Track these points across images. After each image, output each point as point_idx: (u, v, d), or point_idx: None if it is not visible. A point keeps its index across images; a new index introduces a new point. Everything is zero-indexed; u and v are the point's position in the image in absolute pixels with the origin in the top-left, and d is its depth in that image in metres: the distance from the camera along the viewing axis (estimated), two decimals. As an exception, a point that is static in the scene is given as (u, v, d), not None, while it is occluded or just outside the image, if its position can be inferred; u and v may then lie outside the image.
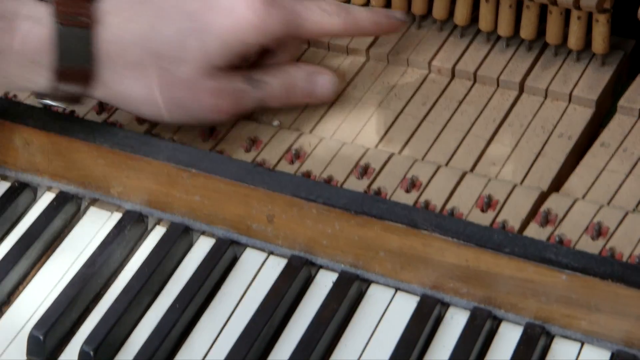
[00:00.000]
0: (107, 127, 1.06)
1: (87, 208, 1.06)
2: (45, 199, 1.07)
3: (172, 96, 1.01)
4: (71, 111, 1.08)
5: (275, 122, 1.07)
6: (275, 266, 1.00)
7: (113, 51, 1.00)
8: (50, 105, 1.05)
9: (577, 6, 1.04)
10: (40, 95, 1.03)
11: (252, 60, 1.04)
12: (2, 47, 0.99)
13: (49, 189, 1.07)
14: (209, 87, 1.01)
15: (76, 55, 0.99)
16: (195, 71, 1.00)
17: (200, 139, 1.06)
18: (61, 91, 1.01)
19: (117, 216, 1.04)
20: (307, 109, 1.09)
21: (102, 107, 1.09)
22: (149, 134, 1.06)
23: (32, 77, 1.00)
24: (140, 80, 1.00)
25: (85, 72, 1.00)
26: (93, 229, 1.04)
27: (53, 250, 1.03)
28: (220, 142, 1.06)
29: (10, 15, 0.99)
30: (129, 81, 1.01)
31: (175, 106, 1.01)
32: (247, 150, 1.05)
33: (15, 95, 1.11)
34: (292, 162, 1.03)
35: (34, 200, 1.07)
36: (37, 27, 0.99)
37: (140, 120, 1.07)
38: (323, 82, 1.06)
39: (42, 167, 1.06)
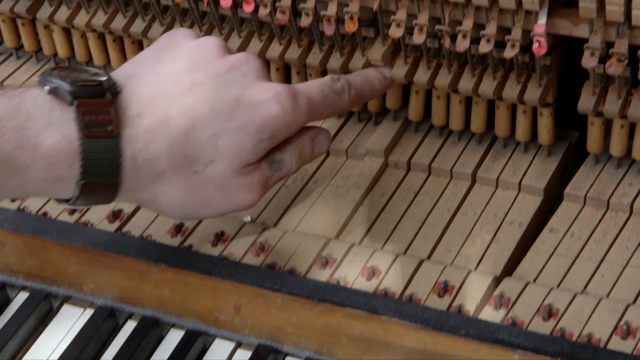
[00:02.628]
0: (79, 226, 1.10)
1: (60, 306, 1.09)
2: (19, 299, 1.10)
3: (201, 197, 0.99)
4: (44, 213, 1.13)
5: (247, 218, 1.12)
6: (243, 355, 1.03)
7: (142, 160, 0.95)
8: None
9: (522, 101, 1.10)
10: (61, 201, 0.98)
11: None
12: (23, 164, 0.92)
13: (23, 288, 1.11)
14: (240, 184, 1.00)
15: (102, 169, 0.94)
16: (227, 171, 0.98)
17: (169, 235, 1.10)
18: (84, 201, 0.97)
19: (89, 312, 1.08)
20: (272, 204, 1.14)
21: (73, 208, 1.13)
22: (119, 231, 1.11)
23: (53, 192, 0.96)
24: (168, 186, 0.98)
25: (112, 184, 0.95)
26: (66, 326, 1.07)
27: (27, 349, 1.06)
28: (188, 237, 1.10)
29: (31, 127, 0.93)
30: (156, 187, 0.97)
31: (203, 206, 1.00)
32: (214, 245, 1.09)
33: (-13, 199, 1.15)
34: (257, 255, 1.07)
35: (8, 300, 1.10)
36: (60, 140, 0.93)
37: (111, 218, 1.12)
38: (321, 140, 1.06)
39: (16, 268, 1.10)
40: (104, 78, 0.96)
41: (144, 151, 0.95)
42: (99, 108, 0.94)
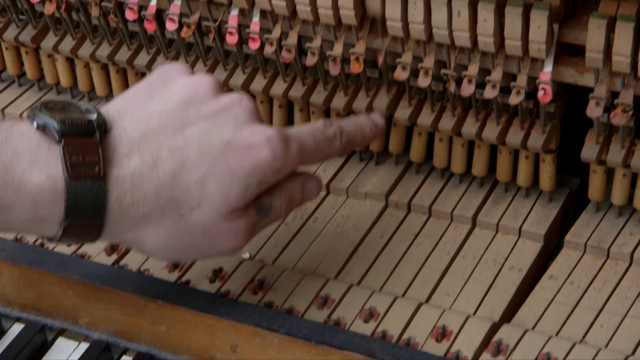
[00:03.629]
0: (76, 259, 1.10)
1: (55, 338, 1.08)
2: (13, 330, 1.09)
3: (185, 241, 0.97)
4: (41, 243, 1.12)
5: (246, 255, 1.11)
6: (239, 395, 1.03)
7: (127, 203, 0.94)
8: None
9: (525, 147, 1.10)
10: (47, 239, 0.97)
11: None
12: (6, 202, 0.92)
13: (18, 319, 1.10)
14: (226, 230, 0.97)
15: (87, 211, 0.93)
16: (213, 216, 0.96)
17: (167, 270, 1.10)
18: (67, 239, 0.96)
19: (84, 346, 1.07)
20: (271, 241, 1.14)
21: (72, 238, 1.13)
22: (117, 265, 1.10)
23: (36, 230, 0.95)
24: (153, 228, 0.96)
25: (95, 224, 0.94)
26: (61, 359, 1.07)
27: (21, 380, 1.06)
28: (186, 273, 1.10)
29: (17, 165, 0.92)
30: (141, 229, 0.96)
31: (187, 250, 0.99)
32: (212, 281, 1.08)
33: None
34: (255, 293, 1.07)
35: (2, 331, 1.10)
36: (45, 180, 0.92)
37: (109, 251, 1.11)
38: (311, 186, 1.04)
39: (12, 299, 1.09)
40: (93, 116, 0.94)
41: (130, 193, 0.94)
42: (86, 148, 0.92)
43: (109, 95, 1.28)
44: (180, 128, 0.96)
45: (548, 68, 1.03)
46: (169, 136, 0.95)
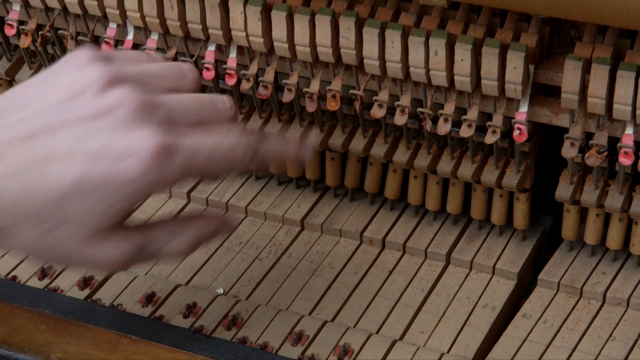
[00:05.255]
0: (49, 293, 1.09)
1: (26, 373, 1.08)
2: (-16, 364, 1.09)
3: (53, 256, 0.91)
4: (13, 277, 1.11)
5: (220, 290, 1.11)
6: None
7: None
8: None
9: (500, 185, 1.11)
10: None
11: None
12: None
13: (-11, 353, 1.09)
14: (91, 253, 0.90)
15: None
16: (78, 235, 0.89)
17: (140, 304, 1.09)
18: None
19: (56, 381, 1.06)
20: (245, 276, 1.13)
21: (44, 272, 1.12)
22: (90, 300, 1.10)
23: None
24: (13, 239, 0.89)
25: None
26: (31, 393, 1.06)
27: (-11, 416, 1.05)
28: (159, 307, 1.09)
29: None
30: (7, 239, 0.89)
31: (56, 261, 0.96)
32: (186, 317, 1.08)
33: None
34: (229, 329, 1.07)
35: (-27, 365, 1.09)
36: None
37: (82, 285, 1.11)
38: (218, 230, 0.97)
39: (-16, 332, 1.08)
40: None
41: None
42: None
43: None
44: (54, 130, 0.87)
45: (524, 108, 1.04)
46: (38, 142, 0.86)
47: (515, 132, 1.04)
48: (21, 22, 1.19)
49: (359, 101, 1.10)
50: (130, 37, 1.16)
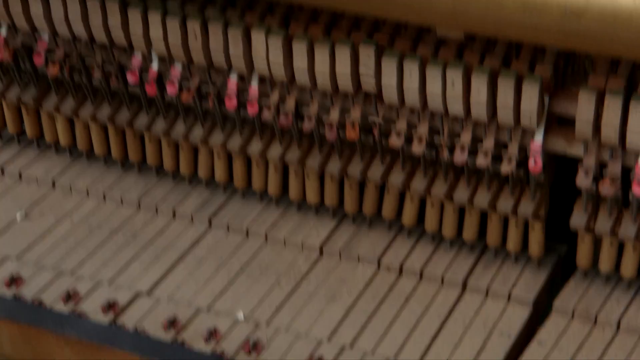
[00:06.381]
0: (74, 317, 1.11)
1: (51, 394, 1.10)
2: (11, 386, 1.11)
3: None
4: (40, 302, 1.14)
5: (240, 315, 1.13)
6: None
7: None
8: None
9: (515, 214, 1.13)
10: None
11: None
12: None
13: (15, 376, 1.11)
14: None
15: None
16: None
17: (163, 329, 1.11)
18: None
19: (80, 403, 1.09)
20: (265, 302, 1.15)
21: (68, 296, 1.14)
22: (114, 324, 1.12)
23: None
24: None
25: None
26: (55, 414, 1.08)
27: None
28: (181, 332, 1.11)
29: None
30: None
31: None
32: (207, 341, 1.10)
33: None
34: (249, 353, 1.09)
35: (-1, 386, 1.11)
36: None
37: (106, 310, 1.13)
38: None
39: (10, 356, 1.11)
40: None
41: None
42: None
43: (108, 155, 1.31)
44: None
45: (539, 138, 1.06)
46: None
47: (531, 162, 1.06)
48: (49, 51, 1.22)
49: (377, 129, 1.12)
50: (154, 66, 1.18)
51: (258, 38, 1.11)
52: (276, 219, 1.25)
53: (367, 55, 1.08)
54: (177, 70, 1.17)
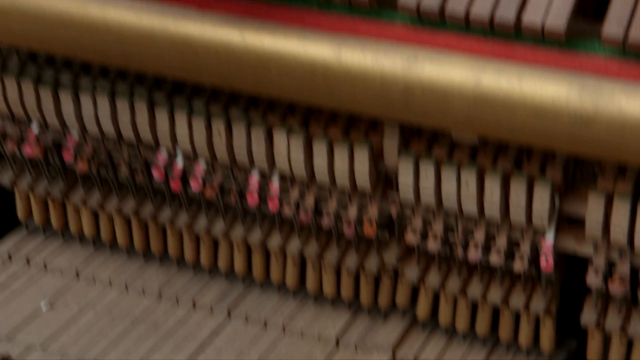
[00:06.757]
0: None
1: None
2: None
3: None
4: None
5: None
6: None
7: None
8: None
9: (527, 310, 1.16)
10: None
11: None
12: None
13: None
14: None
15: None
16: None
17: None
18: None
19: None
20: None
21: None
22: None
23: None
24: None
25: None
26: None
27: None
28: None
29: None
30: None
31: None
32: None
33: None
34: None
35: None
36: None
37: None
38: None
39: None
40: None
41: None
42: None
43: (130, 246, 1.35)
44: None
45: (550, 237, 1.10)
46: None
47: (542, 260, 1.10)
48: (77, 147, 1.27)
49: (396, 222, 1.17)
50: (179, 163, 1.23)
51: (280, 137, 1.16)
52: (293, 310, 1.28)
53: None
54: (201, 166, 1.22)
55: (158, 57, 1.11)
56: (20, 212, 1.38)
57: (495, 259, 1.12)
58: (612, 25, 0.97)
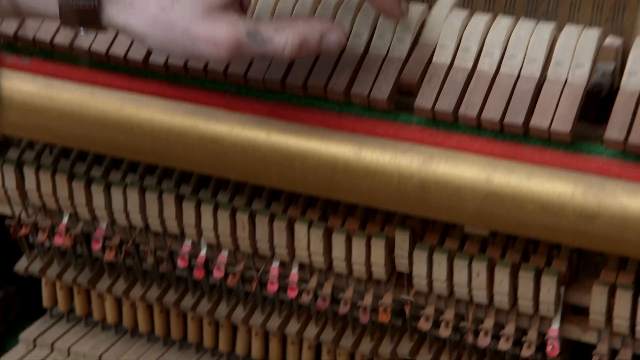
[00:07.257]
0: None
1: None
2: None
3: (168, 36, 1.00)
4: None
5: None
6: None
7: None
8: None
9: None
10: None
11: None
12: None
13: None
14: (206, 32, 0.99)
15: None
16: (191, 13, 0.99)
17: None
18: (70, 22, 1.02)
19: None
20: None
21: None
22: None
23: (41, 6, 1.02)
24: (139, 19, 0.99)
25: (90, 8, 1.00)
26: None
27: None
28: None
29: None
30: (128, 17, 1.00)
31: (173, 44, 1.00)
32: None
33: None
34: None
35: None
36: None
37: None
38: (332, 38, 1.04)
39: None
40: None
41: None
42: None
43: (151, 333, 1.41)
44: None
45: (556, 325, 1.17)
46: None
47: (548, 347, 1.17)
48: (106, 238, 1.33)
49: (407, 313, 1.23)
50: (203, 252, 1.30)
51: (300, 230, 1.23)
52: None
53: (402, 239, 1.19)
54: (224, 256, 1.29)
55: (188, 154, 1.18)
56: (45, 300, 1.44)
57: (504, 345, 1.19)
58: (614, 130, 1.05)
